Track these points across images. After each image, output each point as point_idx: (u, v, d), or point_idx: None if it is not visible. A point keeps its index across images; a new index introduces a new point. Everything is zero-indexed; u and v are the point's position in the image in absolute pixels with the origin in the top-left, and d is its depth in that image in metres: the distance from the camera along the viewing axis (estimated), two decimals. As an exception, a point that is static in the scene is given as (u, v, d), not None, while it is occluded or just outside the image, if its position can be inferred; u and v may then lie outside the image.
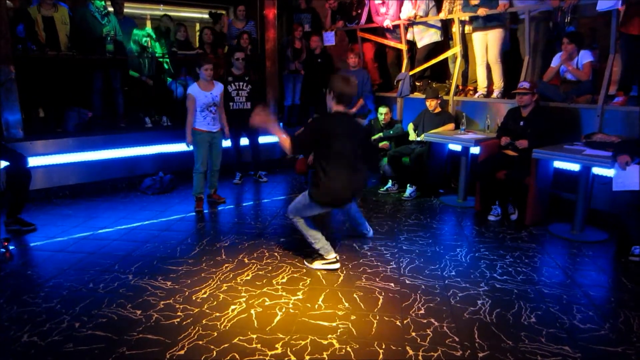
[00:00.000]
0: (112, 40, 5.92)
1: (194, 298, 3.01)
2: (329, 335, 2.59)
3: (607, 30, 4.62)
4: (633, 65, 4.45)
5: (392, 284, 3.21)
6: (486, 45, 5.34)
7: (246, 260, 3.61)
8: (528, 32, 4.95)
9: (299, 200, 3.51)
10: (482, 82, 5.51)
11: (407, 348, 2.48)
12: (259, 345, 2.50)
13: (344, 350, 2.46)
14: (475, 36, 5.41)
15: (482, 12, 5.12)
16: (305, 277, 3.32)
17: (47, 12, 5.56)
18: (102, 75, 6.02)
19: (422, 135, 5.34)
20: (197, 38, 7.36)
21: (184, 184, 5.82)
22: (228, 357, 2.40)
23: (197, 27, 9.02)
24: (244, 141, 6.07)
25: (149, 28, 6.56)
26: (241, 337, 2.57)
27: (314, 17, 7.44)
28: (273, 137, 6.79)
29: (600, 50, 4.59)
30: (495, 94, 5.40)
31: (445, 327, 2.68)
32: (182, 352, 2.44)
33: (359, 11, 6.89)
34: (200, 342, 2.52)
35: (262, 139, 6.27)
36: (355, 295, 3.06)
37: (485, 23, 5.23)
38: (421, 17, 6.01)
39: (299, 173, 5.90)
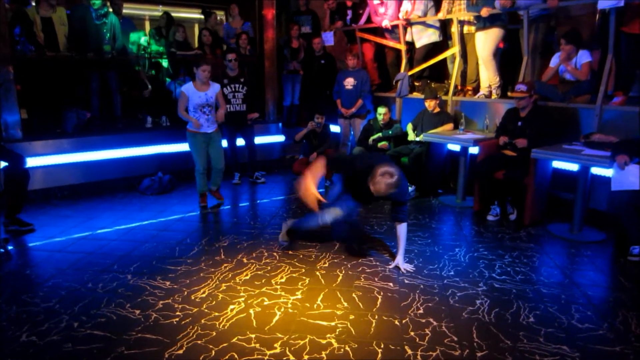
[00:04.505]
0: (109, 41, 5.90)
1: (192, 298, 3.01)
2: (328, 335, 2.59)
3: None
4: (633, 64, 4.46)
5: (391, 284, 3.21)
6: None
7: (245, 260, 3.61)
8: (527, 32, 4.96)
9: None
10: (484, 82, 5.52)
11: (406, 347, 2.49)
12: (257, 345, 2.50)
13: (342, 350, 2.46)
14: (477, 36, 5.41)
15: (485, 12, 5.11)
16: (304, 277, 3.33)
17: (46, 13, 5.54)
18: (99, 76, 6.00)
19: (421, 136, 5.35)
20: (197, 39, 7.35)
21: (183, 184, 5.82)
22: (227, 357, 2.40)
23: (196, 27, 9.02)
24: (240, 142, 6.06)
25: (142, 32, 6.56)
26: (240, 337, 2.57)
27: (314, 19, 7.45)
28: (269, 138, 6.90)
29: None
30: (493, 91, 5.41)
31: (444, 327, 2.69)
32: (180, 351, 2.45)
33: (360, 12, 6.90)
34: (199, 342, 2.52)
35: (258, 140, 6.28)
36: (354, 295, 3.06)
37: (487, 23, 5.24)
38: (419, 17, 6.02)
39: (297, 173, 5.91)
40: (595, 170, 4.25)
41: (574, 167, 4.30)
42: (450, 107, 5.73)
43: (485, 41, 5.29)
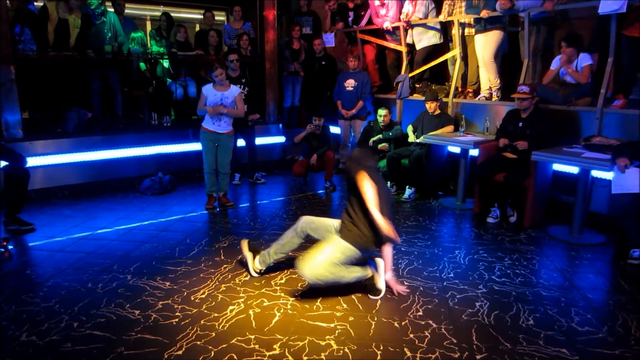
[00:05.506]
0: (110, 40, 5.90)
1: (192, 298, 3.01)
2: (327, 337, 2.59)
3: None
4: (634, 67, 4.46)
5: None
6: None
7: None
8: (528, 34, 4.96)
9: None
10: (484, 84, 5.52)
11: (405, 349, 2.48)
12: (257, 346, 2.50)
13: (341, 352, 2.46)
14: (477, 38, 5.42)
15: (485, 13, 5.12)
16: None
17: (64, 15, 5.61)
18: (100, 75, 6.01)
19: (422, 137, 5.35)
20: (194, 39, 7.35)
21: (183, 185, 5.82)
22: (226, 358, 2.40)
23: (197, 28, 9.03)
24: (240, 142, 6.06)
25: (142, 32, 6.57)
26: (239, 338, 2.57)
27: (315, 20, 7.46)
28: (269, 139, 6.91)
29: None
30: (494, 93, 5.41)
31: (443, 329, 2.69)
32: (180, 352, 2.44)
33: (362, 13, 6.91)
34: (199, 343, 2.53)
35: (259, 140, 6.28)
36: (353, 297, 3.06)
37: (487, 25, 5.24)
38: (420, 19, 6.03)
39: (297, 175, 5.91)
40: (596, 173, 4.25)
41: (574, 169, 4.30)
42: (450, 109, 5.73)
43: (486, 44, 5.30)
